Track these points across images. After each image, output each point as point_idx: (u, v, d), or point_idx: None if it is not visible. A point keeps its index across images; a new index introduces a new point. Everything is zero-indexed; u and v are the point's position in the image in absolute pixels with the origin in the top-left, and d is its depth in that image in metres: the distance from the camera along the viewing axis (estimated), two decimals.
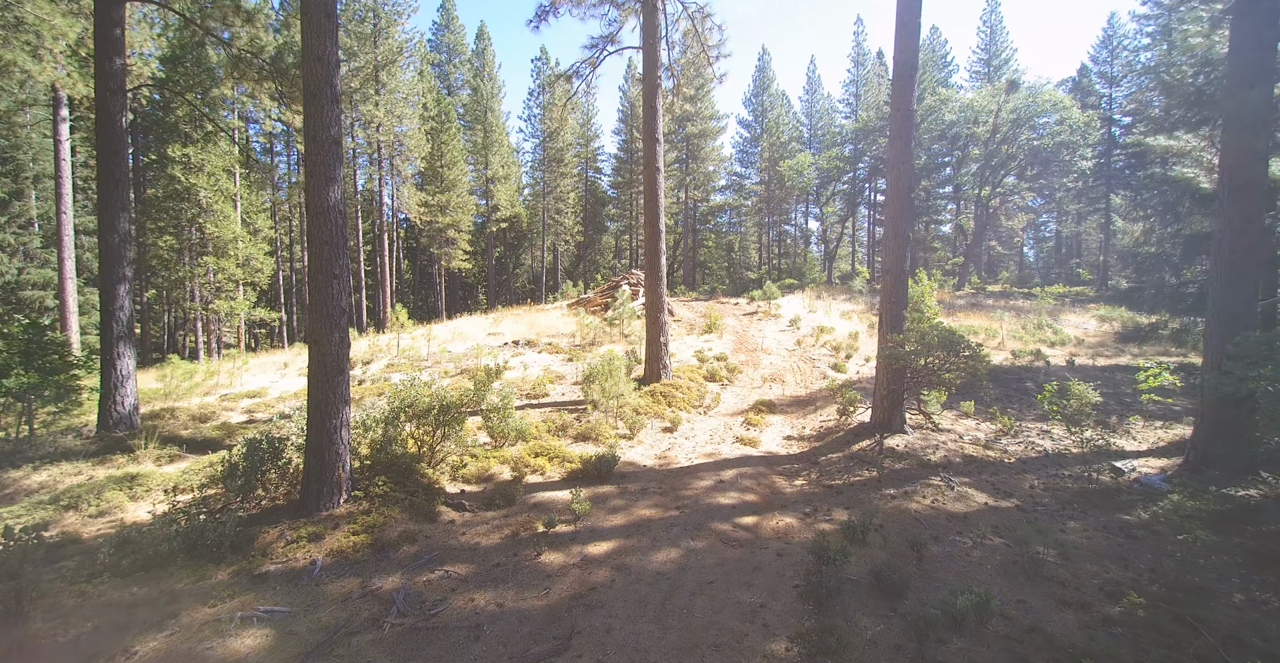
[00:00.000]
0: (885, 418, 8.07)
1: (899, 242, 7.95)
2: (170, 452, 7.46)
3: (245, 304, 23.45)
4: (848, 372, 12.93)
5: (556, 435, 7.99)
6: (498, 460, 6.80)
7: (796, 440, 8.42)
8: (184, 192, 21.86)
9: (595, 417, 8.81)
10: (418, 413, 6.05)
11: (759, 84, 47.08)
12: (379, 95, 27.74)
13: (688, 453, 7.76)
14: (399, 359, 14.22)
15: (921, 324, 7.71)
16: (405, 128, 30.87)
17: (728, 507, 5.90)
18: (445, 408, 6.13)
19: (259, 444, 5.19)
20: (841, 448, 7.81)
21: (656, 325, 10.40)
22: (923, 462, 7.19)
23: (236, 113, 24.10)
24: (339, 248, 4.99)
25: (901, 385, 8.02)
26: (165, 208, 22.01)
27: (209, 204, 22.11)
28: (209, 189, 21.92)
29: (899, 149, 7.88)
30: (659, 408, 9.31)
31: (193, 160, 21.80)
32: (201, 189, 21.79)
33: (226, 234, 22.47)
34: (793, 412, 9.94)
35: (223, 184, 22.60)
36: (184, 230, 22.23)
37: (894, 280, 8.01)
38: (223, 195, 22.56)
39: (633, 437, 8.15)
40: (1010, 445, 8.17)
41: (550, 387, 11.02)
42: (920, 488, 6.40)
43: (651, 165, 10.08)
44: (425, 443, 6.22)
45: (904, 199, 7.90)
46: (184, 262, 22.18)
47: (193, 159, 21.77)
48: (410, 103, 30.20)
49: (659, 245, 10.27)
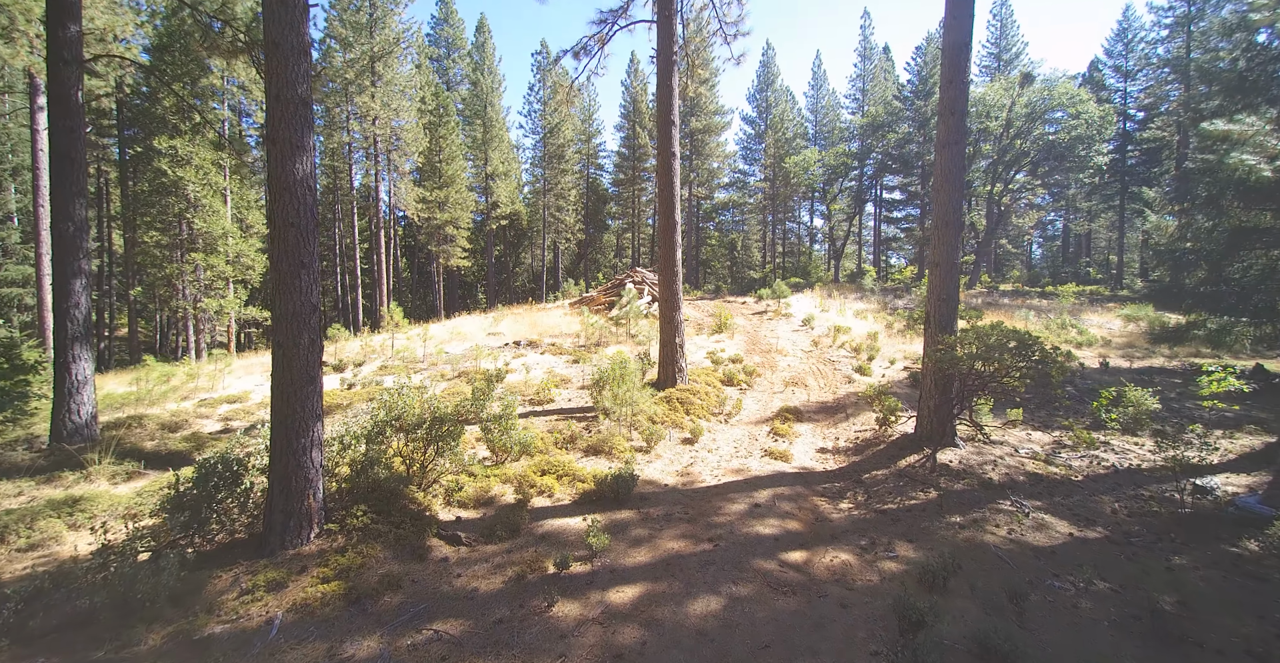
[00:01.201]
0: (933, 429, 7.19)
1: (950, 230, 7.07)
2: (128, 468, 6.58)
3: (236, 302, 22.55)
4: (873, 375, 12.07)
5: (565, 448, 7.11)
6: (499, 480, 5.92)
7: (832, 454, 7.55)
8: (171, 185, 20.96)
9: (606, 426, 7.94)
10: (406, 427, 5.17)
11: (763, 79, 46.18)
12: (375, 87, 26.84)
13: (713, 469, 6.89)
14: (393, 361, 13.34)
15: (979, 322, 6.83)
16: (403, 121, 29.98)
17: (769, 539, 5.03)
18: (439, 420, 5.25)
19: (213, 467, 4.32)
20: (886, 464, 6.94)
21: (672, 326, 9.53)
22: (983, 481, 6.32)
23: (227, 105, 23.21)
24: (308, 231, 4.11)
25: (951, 394, 7.15)
26: (152, 202, 21.11)
27: (197, 198, 21.20)
28: (197, 183, 21.01)
29: (951, 126, 7.00)
30: (676, 416, 8.43)
31: (180, 153, 20.90)
32: (189, 183, 20.89)
33: (216, 230, 21.57)
34: (821, 420, 9.06)
35: (212, 178, 21.69)
36: (171, 226, 21.33)
37: (944, 274, 7.14)
38: (212, 190, 21.65)
39: (650, 450, 7.27)
40: (1073, 460, 7.30)
41: (555, 391, 10.14)
42: (990, 514, 5.53)
43: (666, 150, 9.20)
44: (415, 462, 5.34)
45: (956, 182, 7.03)
46: (171, 258, 21.29)
47: (180, 151, 20.86)
48: (408, 96, 29.29)
49: (674, 237, 9.39)
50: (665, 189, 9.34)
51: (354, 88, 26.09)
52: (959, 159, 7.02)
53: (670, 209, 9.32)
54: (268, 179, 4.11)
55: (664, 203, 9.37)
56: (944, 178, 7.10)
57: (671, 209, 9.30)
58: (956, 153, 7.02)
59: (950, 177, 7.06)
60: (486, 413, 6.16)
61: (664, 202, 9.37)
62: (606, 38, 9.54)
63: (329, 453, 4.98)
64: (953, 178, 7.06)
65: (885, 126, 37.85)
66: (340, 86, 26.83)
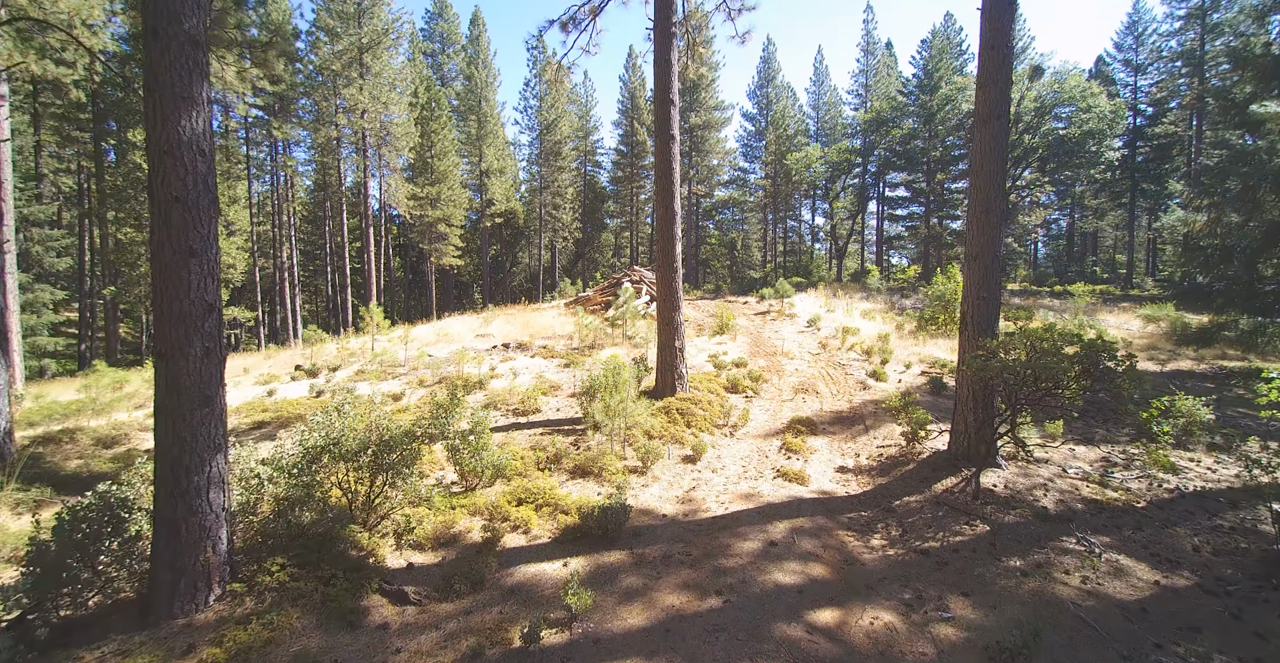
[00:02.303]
0: (971, 447, 6.26)
1: (991, 218, 6.14)
2: (35, 496, 5.63)
3: None
4: (888, 380, 11.14)
5: (548, 469, 6.17)
6: (466, 511, 4.98)
7: (854, 474, 6.61)
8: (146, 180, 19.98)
9: (597, 442, 7.01)
10: (346, 454, 4.23)
11: (764, 75, 45.27)
12: (364, 80, 25.88)
13: (718, 494, 5.95)
14: (371, 366, 12.39)
15: (1030, 324, 5.90)
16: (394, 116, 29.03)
17: (790, 591, 4.09)
18: (387, 445, 4.31)
19: (85, 512, 3.37)
20: (918, 487, 6.00)
21: (671, 328, 8.59)
22: (1037, 510, 5.38)
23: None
24: (201, 208, 3.19)
25: (992, 406, 6.22)
26: (126, 197, 20.15)
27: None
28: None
29: (992, 98, 6.07)
30: (676, 430, 7.49)
31: None
32: None
33: None
34: (838, 432, 8.13)
35: None
36: (146, 221, 20.35)
37: (984, 269, 6.21)
38: None
39: (646, 470, 6.34)
40: (1130, 481, 6.37)
41: (543, 400, 9.21)
42: (1054, 556, 4.59)
43: (665, 133, 8.26)
44: (359, 494, 4.40)
45: (998, 163, 6.10)
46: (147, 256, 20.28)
47: None
48: (398, 89, 28.33)
49: (673, 230, 8.46)
50: (664, 177, 8.41)
51: (341, 80, 25.14)
52: (1002, 136, 6.09)
53: (669, 198, 8.38)
54: (146, 140, 3.17)
55: (662, 192, 8.44)
56: (984, 158, 6.17)
57: (670, 198, 8.36)
58: (999, 129, 6.09)
59: (991, 156, 6.13)
60: (453, 430, 5.22)
61: (662, 190, 8.44)
62: (599, 8, 8.60)
63: (248, 487, 4.03)
64: (994, 158, 6.12)
65: (889, 122, 36.94)
66: (328, 79, 25.89)
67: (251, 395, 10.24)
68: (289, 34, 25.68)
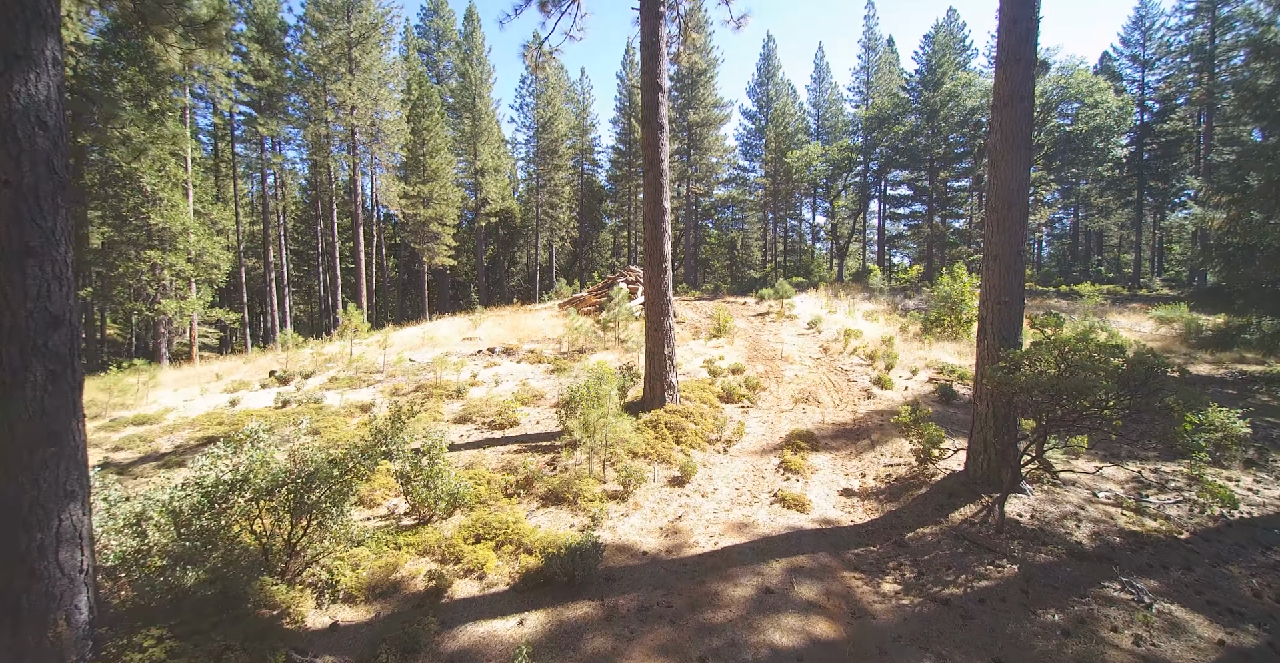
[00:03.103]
0: (991, 469, 5.59)
1: (1013, 213, 5.46)
2: None
3: (199, 304, 20.91)
4: (894, 387, 10.47)
5: (516, 496, 5.50)
6: (414, 551, 4.32)
7: (860, 499, 5.94)
8: (124, 177, 19.37)
9: (576, 460, 6.34)
10: (259, 492, 3.55)
11: (764, 73, 44.63)
12: (353, 75, 25.21)
13: (708, 523, 5.28)
14: (346, 372, 11.73)
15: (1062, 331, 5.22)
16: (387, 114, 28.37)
17: (788, 658, 3.42)
18: (309, 480, 3.63)
19: None
20: (933, 516, 5.33)
21: (660, 333, 7.92)
22: (1071, 546, 4.71)
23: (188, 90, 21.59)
24: (41, 196, 2.53)
25: (1015, 424, 5.54)
26: (103, 195, 19.51)
27: (154, 192, 19.58)
28: (153, 175, 19.41)
29: (1015, 78, 5.39)
30: (664, 447, 6.82)
31: (135, 142, 19.30)
32: (144, 174, 19.28)
33: (175, 226, 19.94)
34: (841, 448, 7.45)
35: (170, 170, 20.08)
36: (126, 221, 19.71)
37: (1005, 271, 5.53)
38: (170, 182, 20.04)
39: (627, 495, 5.66)
40: (1167, 505, 5.70)
41: (523, 411, 8.54)
42: (1098, 607, 3.92)
43: (653, 121, 7.59)
44: (277, 536, 3.73)
45: (1022, 150, 5.42)
46: (126, 257, 19.67)
47: (135, 141, 19.27)
48: (389, 85, 27.68)
49: (662, 227, 7.78)
50: (652, 169, 7.73)
51: (329, 76, 24.47)
52: (1025, 121, 5.41)
53: (658, 193, 7.70)
54: None
55: (651, 185, 7.76)
56: (1005, 146, 5.49)
57: (659, 193, 7.69)
58: (1022, 113, 5.41)
59: (1014, 144, 5.45)
60: (403, 452, 4.55)
61: (651, 184, 7.76)
62: None
63: (138, 533, 3.36)
64: (1017, 146, 5.44)
65: (891, 119, 36.25)
66: (317, 75, 25.23)
67: (213, 405, 9.57)
68: (275, 27, 25.01)
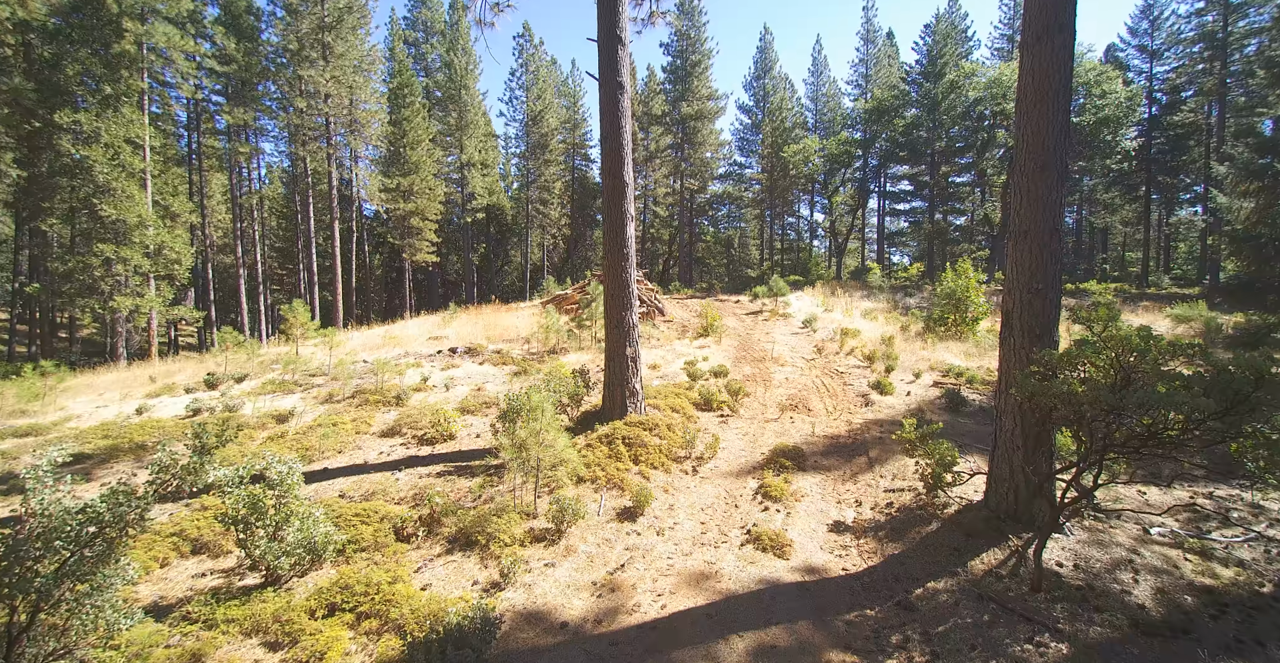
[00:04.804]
0: (1020, 502, 4.43)
1: (1047, 177, 4.28)
2: None
3: (157, 301, 19.69)
4: (895, 392, 9.31)
5: (413, 538, 4.32)
6: (236, 630, 3.14)
7: (854, 535, 4.77)
8: (74, 166, 18.17)
9: (505, 488, 5.17)
10: None
11: (761, 66, 43.52)
12: (326, 61, 24.00)
13: (658, 574, 4.10)
14: (285, 375, 10.53)
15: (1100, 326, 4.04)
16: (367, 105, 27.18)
17: None
18: (16, 550, 2.44)
19: None
20: (948, 564, 4.16)
21: (621, 331, 6.74)
22: (1132, 610, 3.54)
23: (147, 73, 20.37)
24: None
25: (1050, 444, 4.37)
26: (52, 185, 18.31)
27: (107, 182, 18.37)
28: (105, 164, 18.19)
29: (1051, 7, 4.22)
30: (617, 467, 5.64)
31: (85, 129, 18.10)
32: (96, 163, 18.07)
33: (130, 218, 18.73)
34: (833, 467, 6.28)
35: (125, 158, 18.87)
36: (76, 213, 18.51)
37: (1038, 250, 4.35)
38: (125, 172, 18.83)
39: (560, 535, 4.48)
40: (1236, 545, 4.54)
41: (465, 421, 7.36)
42: None
43: (612, 79, 6.41)
44: None
45: (1058, 98, 4.25)
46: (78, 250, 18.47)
47: (85, 128, 18.06)
48: (366, 73, 26.47)
49: (623, 206, 6.60)
50: (611, 136, 6.55)
51: (300, 61, 23.25)
52: (1065, 58, 4.24)
53: (618, 165, 6.52)
54: None
55: (610, 156, 6.58)
56: (1039, 92, 4.31)
57: (619, 164, 6.51)
58: (1062, 46, 4.23)
59: (1049, 91, 4.27)
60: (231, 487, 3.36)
61: (610, 154, 6.58)
62: None
63: None
64: (1053, 91, 4.27)
65: (891, 111, 35.09)
66: (289, 60, 24.02)
67: (113, 414, 8.38)
68: (242, 9, 23.81)
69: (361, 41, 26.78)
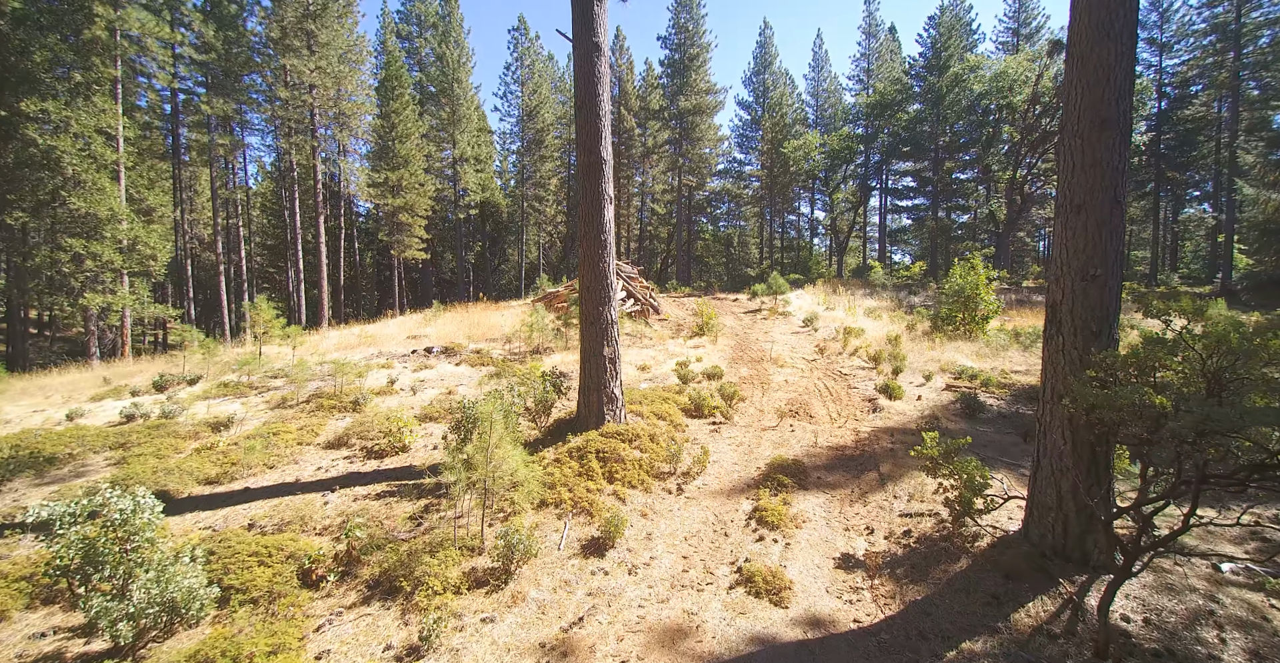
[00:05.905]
0: (1071, 537, 3.62)
1: (1106, 138, 3.46)
2: None
3: (130, 298, 18.86)
4: (905, 396, 8.49)
5: (323, 581, 3.50)
6: None
7: (866, 574, 3.95)
8: (42, 157, 17.35)
9: (453, 514, 4.35)
10: None
11: (760, 61, 42.71)
12: (310, 50, 23.17)
13: (624, 630, 3.29)
14: (243, 378, 9.71)
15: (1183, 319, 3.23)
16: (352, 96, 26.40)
17: None
18: None
19: None
20: (984, 617, 3.34)
21: (598, 328, 5.92)
22: None
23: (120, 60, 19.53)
24: None
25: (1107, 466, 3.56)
26: (17, 177, 17.49)
27: (76, 174, 17.56)
28: (75, 155, 17.38)
29: None
30: (586, 488, 4.82)
31: (54, 119, 17.30)
32: (65, 155, 17.27)
33: (101, 211, 17.91)
34: (839, 484, 5.47)
35: (96, 149, 18.06)
36: (43, 206, 17.70)
37: (1095, 227, 3.54)
38: (96, 163, 18.02)
39: (509, 577, 3.67)
40: None
41: (424, 430, 6.54)
42: None
43: (587, 41, 5.59)
44: None
45: (1123, 38, 3.44)
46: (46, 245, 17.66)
47: (54, 117, 17.26)
48: (352, 63, 25.64)
49: (601, 186, 5.78)
50: (587, 105, 5.73)
51: (283, 50, 22.43)
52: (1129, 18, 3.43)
53: (594, 140, 5.70)
54: None
55: (585, 128, 5.76)
56: (1098, 29, 3.50)
57: (595, 139, 5.69)
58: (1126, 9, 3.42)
59: (1111, 23, 3.46)
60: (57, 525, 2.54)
61: (585, 126, 5.76)
62: None
63: None
64: (1116, 30, 3.46)
65: (894, 106, 34.31)
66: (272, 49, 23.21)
67: (39, 421, 7.56)
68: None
69: (349, 31, 25.99)
